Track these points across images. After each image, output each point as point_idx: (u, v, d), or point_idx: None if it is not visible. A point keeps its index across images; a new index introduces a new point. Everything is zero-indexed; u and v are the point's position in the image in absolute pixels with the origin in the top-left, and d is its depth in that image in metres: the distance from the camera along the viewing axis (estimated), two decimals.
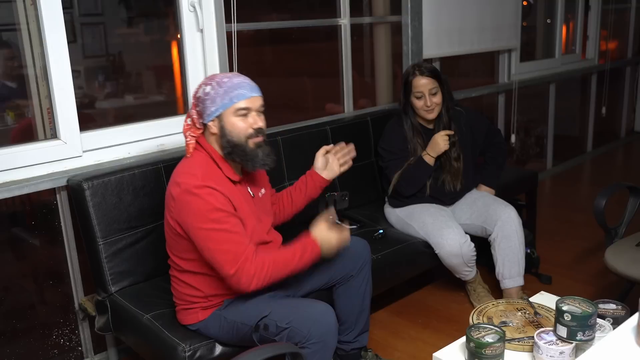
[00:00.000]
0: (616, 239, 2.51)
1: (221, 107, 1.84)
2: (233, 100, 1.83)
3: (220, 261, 1.78)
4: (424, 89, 2.65)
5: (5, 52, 2.31)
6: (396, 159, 2.75)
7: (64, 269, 2.36)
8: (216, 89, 1.84)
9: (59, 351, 2.39)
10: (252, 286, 1.80)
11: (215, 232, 1.78)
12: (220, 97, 1.83)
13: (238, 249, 1.78)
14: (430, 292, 2.99)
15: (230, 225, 1.80)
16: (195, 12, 2.54)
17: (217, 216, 1.78)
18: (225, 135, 1.85)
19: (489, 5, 3.77)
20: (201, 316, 1.93)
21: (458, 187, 2.78)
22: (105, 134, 2.40)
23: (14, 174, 2.16)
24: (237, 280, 1.79)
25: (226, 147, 1.87)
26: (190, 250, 1.87)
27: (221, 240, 1.78)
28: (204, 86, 1.87)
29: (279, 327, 1.79)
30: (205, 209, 1.77)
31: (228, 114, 1.84)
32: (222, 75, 1.88)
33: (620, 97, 5.91)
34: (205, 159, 1.89)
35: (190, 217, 1.79)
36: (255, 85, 1.89)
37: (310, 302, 1.89)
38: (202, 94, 1.86)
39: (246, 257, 1.78)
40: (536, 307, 1.90)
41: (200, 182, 1.79)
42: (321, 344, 1.78)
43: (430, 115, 2.70)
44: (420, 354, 2.45)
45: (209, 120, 1.86)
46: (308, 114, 3.22)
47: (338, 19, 3.17)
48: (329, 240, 1.92)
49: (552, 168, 5.00)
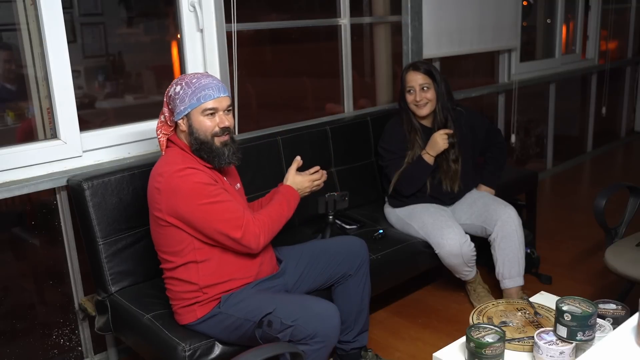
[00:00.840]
0: (616, 239, 2.51)
1: (189, 107, 1.90)
2: (200, 101, 1.89)
3: (224, 230, 1.86)
4: (414, 84, 2.67)
5: (5, 53, 2.30)
6: (396, 158, 2.75)
7: (64, 269, 2.36)
8: (185, 88, 1.90)
9: (59, 351, 2.39)
10: (260, 244, 1.93)
11: (212, 205, 1.85)
12: (189, 97, 1.89)
13: (237, 215, 1.89)
14: (430, 292, 2.99)
15: (223, 196, 1.89)
16: (195, 12, 2.54)
17: (208, 190, 1.86)
18: (193, 132, 1.92)
19: (489, 5, 3.77)
20: (199, 313, 1.93)
21: (456, 189, 2.79)
22: (105, 134, 2.40)
23: (14, 174, 2.16)
24: (248, 240, 1.89)
25: (194, 144, 1.94)
26: (182, 241, 1.90)
27: (219, 210, 1.86)
28: (175, 85, 1.94)
29: (284, 324, 1.80)
30: (195, 188, 1.85)
31: (196, 113, 1.91)
32: (192, 76, 1.94)
33: (620, 97, 5.91)
34: (179, 152, 1.96)
35: (183, 200, 1.84)
36: (223, 86, 1.95)
37: (315, 300, 1.89)
38: (173, 93, 1.93)
39: (247, 220, 1.90)
40: (536, 307, 1.90)
41: (181, 165, 1.87)
42: (323, 342, 1.79)
43: (420, 112, 2.70)
44: (420, 354, 2.45)
45: (178, 119, 1.93)
46: (308, 114, 3.22)
47: (338, 19, 3.17)
48: (301, 183, 2.18)
49: (552, 168, 5.00)
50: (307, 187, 2.20)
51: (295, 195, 2.14)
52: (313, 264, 2.14)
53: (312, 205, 2.50)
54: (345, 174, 2.98)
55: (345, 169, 2.98)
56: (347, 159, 2.99)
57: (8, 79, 2.34)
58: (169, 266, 1.96)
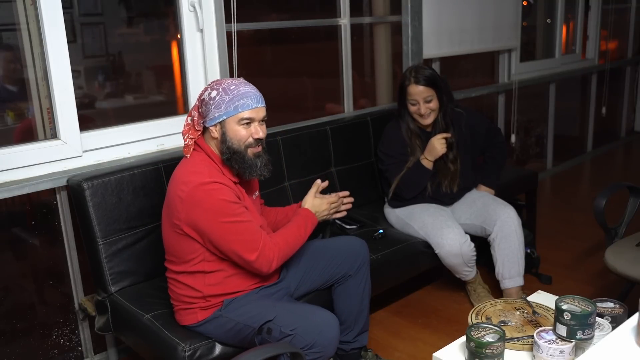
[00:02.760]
0: (616, 239, 2.51)
1: (225, 114, 1.86)
2: (238, 110, 1.85)
3: (239, 251, 1.84)
4: (418, 97, 2.65)
5: (5, 53, 2.31)
6: (396, 162, 2.75)
7: (64, 269, 2.36)
8: (222, 95, 1.85)
9: (59, 351, 2.39)
10: (272, 267, 1.90)
11: (232, 225, 1.83)
12: (226, 104, 1.85)
13: (255, 237, 1.86)
14: (430, 292, 2.99)
15: (244, 216, 1.86)
16: (195, 12, 2.55)
17: (231, 209, 1.83)
18: (225, 141, 1.88)
19: (489, 5, 3.77)
20: (200, 316, 1.93)
21: (455, 189, 2.79)
22: (105, 134, 2.40)
23: (14, 174, 2.16)
24: (260, 264, 1.87)
25: (225, 153, 1.89)
26: (194, 251, 1.88)
27: (239, 231, 1.84)
28: (210, 90, 1.88)
29: (283, 332, 1.79)
30: (219, 204, 1.81)
31: (231, 121, 1.87)
32: (229, 82, 1.89)
33: (620, 97, 5.91)
34: (205, 159, 1.91)
35: (204, 214, 1.81)
36: (261, 95, 1.91)
37: (315, 310, 1.89)
38: (207, 97, 1.87)
39: (264, 243, 1.87)
40: (534, 307, 1.90)
41: (207, 178, 1.83)
42: (321, 353, 1.79)
43: (425, 121, 2.70)
44: (420, 354, 2.45)
45: (211, 125, 1.88)
46: (308, 114, 3.22)
47: (338, 19, 3.17)
48: (320, 206, 2.15)
49: (552, 168, 5.00)
50: (324, 210, 2.17)
51: (313, 220, 2.11)
52: (313, 264, 2.14)
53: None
54: (345, 174, 2.98)
55: (345, 169, 2.98)
56: (347, 159, 2.99)
57: (8, 79, 2.34)
58: (176, 269, 1.95)
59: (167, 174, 2.26)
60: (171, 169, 1.97)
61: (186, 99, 2.67)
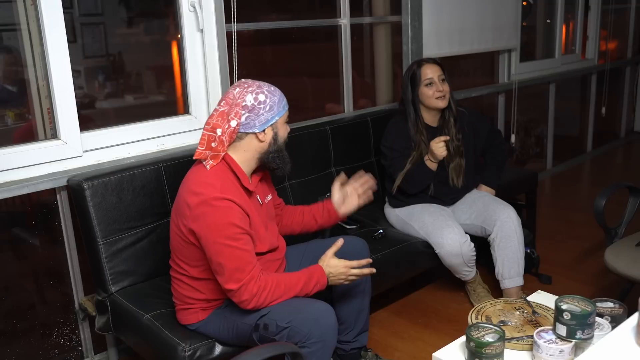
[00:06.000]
0: (616, 239, 2.51)
1: (277, 115, 1.89)
2: (285, 108, 1.92)
3: (225, 275, 1.79)
4: (433, 75, 2.67)
5: (5, 53, 2.31)
6: (399, 157, 2.74)
7: (64, 269, 2.36)
8: (270, 97, 1.87)
9: (59, 351, 2.39)
10: (250, 305, 1.81)
11: (228, 248, 1.78)
12: (277, 105, 1.88)
13: (246, 268, 1.79)
14: (430, 292, 2.99)
15: (243, 243, 1.80)
16: (195, 12, 2.55)
17: (232, 232, 1.78)
18: (277, 141, 1.92)
19: (489, 5, 3.78)
20: (201, 316, 1.94)
21: (459, 185, 2.78)
22: (105, 134, 2.40)
23: (14, 174, 2.16)
24: (239, 296, 1.80)
25: (272, 154, 1.92)
26: (199, 258, 1.87)
27: (232, 256, 1.78)
28: (253, 94, 1.84)
29: (279, 326, 1.79)
30: (221, 224, 1.78)
31: (282, 121, 1.92)
32: (262, 84, 1.89)
33: (620, 97, 5.91)
34: (223, 169, 1.87)
35: (205, 229, 1.79)
36: None
37: (310, 302, 1.89)
38: (256, 102, 1.84)
39: (252, 277, 1.79)
40: (534, 306, 1.90)
41: (219, 193, 1.79)
42: (321, 343, 1.78)
43: (442, 103, 2.69)
44: (420, 354, 2.45)
45: (263, 129, 1.88)
46: (308, 114, 3.22)
47: (338, 19, 3.17)
48: (336, 268, 1.93)
49: (552, 168, 5.01)
50: (342, 274, 1.94)
51: (321, 282, 1.92)
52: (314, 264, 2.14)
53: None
54: (345, 174, 2.97)
55: (345, 169, 2.97)
56: (347, 159, 2.99)
57: (8, 79, 2.34)
58: (181, 271, 1.94)
59: (167, 174, 2.27)
60: (171, 169, 1.97)
61: (186, 99, 2.67)
